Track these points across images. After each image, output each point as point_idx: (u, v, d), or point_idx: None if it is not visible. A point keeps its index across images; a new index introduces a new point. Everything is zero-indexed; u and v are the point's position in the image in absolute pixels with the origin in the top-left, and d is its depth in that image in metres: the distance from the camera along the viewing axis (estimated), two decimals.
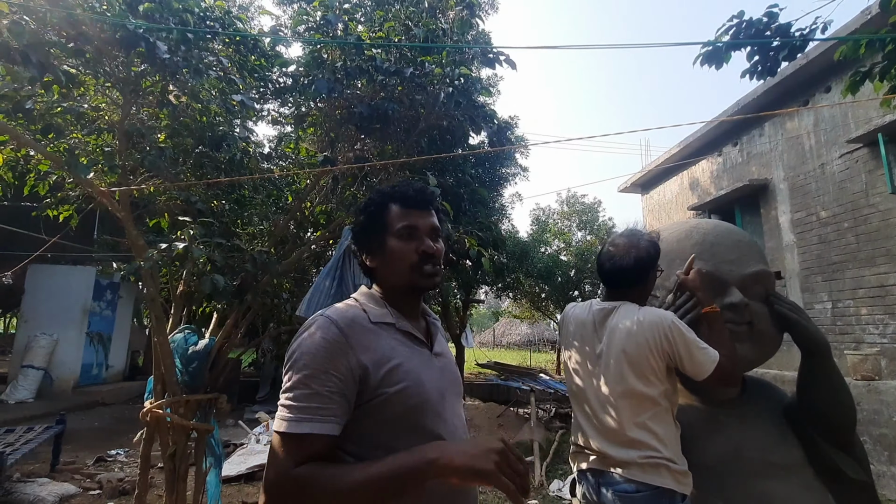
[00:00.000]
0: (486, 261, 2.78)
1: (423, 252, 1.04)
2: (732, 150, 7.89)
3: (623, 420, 1.48)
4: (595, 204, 18.42)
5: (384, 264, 1.07)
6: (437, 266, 1.07)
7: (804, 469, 1.63)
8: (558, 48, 2.46)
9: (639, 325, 1.49)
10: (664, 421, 1.48)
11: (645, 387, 1.47)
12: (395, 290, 1.08)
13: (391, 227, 1.06)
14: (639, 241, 1.62)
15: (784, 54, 2.92)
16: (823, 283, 6.08)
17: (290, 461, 0.85)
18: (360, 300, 1.07)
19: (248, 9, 12.60)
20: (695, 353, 1.44)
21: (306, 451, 0.86)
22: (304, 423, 0.86)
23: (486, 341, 30.83)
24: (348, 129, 3.14)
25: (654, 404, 1.47)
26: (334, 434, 0.89)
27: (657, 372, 1.47)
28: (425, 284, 1.06)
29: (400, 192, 1.10)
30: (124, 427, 6.96)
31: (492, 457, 0.82)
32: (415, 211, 1.08)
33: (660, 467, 1.42)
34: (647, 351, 1.46)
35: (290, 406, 0.88)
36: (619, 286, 1.63)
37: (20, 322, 9.77)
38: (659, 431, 1.45)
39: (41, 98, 2.51)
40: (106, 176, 2.77)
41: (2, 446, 4.22)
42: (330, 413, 0.88)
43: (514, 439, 6.56)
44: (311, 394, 0.88)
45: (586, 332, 1.64)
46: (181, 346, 2.68)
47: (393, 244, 1.05)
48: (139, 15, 2.39)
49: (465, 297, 12.28)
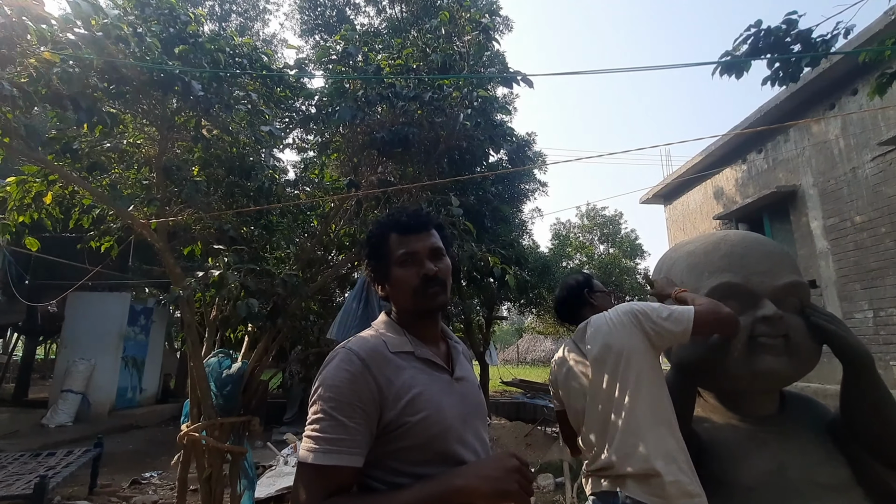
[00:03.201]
0: (511, 278, 2.80)
1: (423, 276, 1.06)
2: (757, 157, 7.73)
3: (628, 433, 1.48)
4: (616, 216, 18.21)
5: (393, 292, 1.11)
6: (441, 286, 1.08)
7: (852, 489, 1.55)
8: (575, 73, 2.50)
9: (614, 321, 1.60)
10: (671, 427, 1.49)
11: (642, 378, 1.52)
12: (408, 316, 1.10)
13: (392, 256, 1.09)
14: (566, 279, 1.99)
15: (806, 60, 2.88)
16: (863, 291, 5.82)
17: (319, 493, 0.87)
18: (379, 329, 1.09)
19: (271, 42, 13.17)
20: (666, 315, 1.53)
21: (334, 483, 0.88)
22: (332, 454, 0.88)
23: (510, 358, 30.41)
24: (370, 153, 3.23)
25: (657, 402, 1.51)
26: (359, 466, 0.91)
27: (646, 351, 1.55)
28: (430, 306, 1.08)
29: (395, 219, 1.13)
30: (157, 449, 7.11)
31: (514, 476, 0.89)
32: (412, 236, 1.10)
33: (670, 485, 1.40)
34: (632, 333, 1.55)
35: (316, 437, 0.90)
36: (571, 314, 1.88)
37: (60, 348, 10.17)
38: (666, 437, 1.47)
39: (86, 138, 2.68)
40: (145, 208, 2.92)
41: (44, 470, 4.36)
42: (355, 445, 0.90)
43: (544, 459, 6.41)
44: (337, 425, 0.90)
45: (572, 360, 1.70)
46: (215, 370, 2.75)
47: (396, 272, 1.08)
48: (174, 57, 2.55)
49: (488, 313, 12.21)
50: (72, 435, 7.86)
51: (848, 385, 1.64)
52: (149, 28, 2.51)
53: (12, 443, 7.03)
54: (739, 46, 3.10)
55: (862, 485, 1.56)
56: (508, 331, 34.79)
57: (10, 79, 2.00)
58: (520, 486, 0.88)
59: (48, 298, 8.07)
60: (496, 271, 2.71)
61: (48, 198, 2.73)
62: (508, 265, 2.94)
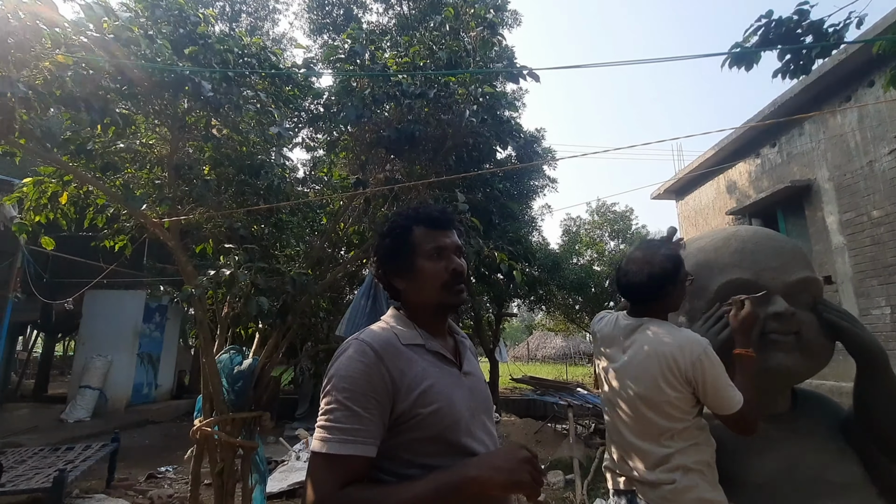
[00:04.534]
0: (518, 274, 2.79)
1: (453, 270, 1.08)
2: (771, 151, 7.60)
3: (646, 441, 1.46)
4: (627, 212, 18.03)
5: (414, 285, 1.11)
6: (465, 283, 1.11)
7: (865, 488, 1.53)
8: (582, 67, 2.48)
9: (666, 346, 1.44)
10: (690, 440, 1.43)
11: (668, 408, 1.43)
12: (424, 310, 1.11)
13: (420, 249, 1.10)
14: (653, 255, 1.56)
15: (817, 51, 2.82)
16: (880, 288, 5.70)
17: (334, 483, 0.88)
18: (390, 323, 1.10)
19: (280, 41, 13.25)
20: (719, 390, 1.37)
21: (349, 473, 0.89)
22: (348, 444, 0.89)
23: (520, 355, 30.36)
24: (378, 151, 3.25)
25: (678, 423, 1.43)
26: (373, 456, 0.91)
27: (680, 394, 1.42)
28: (455, 302, 1.10)
29: (425, 213, 1.14)
30: (173, 444, 7.25)
31: (525, 467, 0.90)
32: (441, 231, 1.12)
33: (684, 492, 1.38)
34: (671, 373, 1.41)
35: (330, 427, 0.90)
36: (637, 302, 1.60)
37: (78, 345, 10.40)
38: (685, 453, 1.41)
39: (99, 139, 2.73)
40: (157, 207, 2.97)
41: (63, 464, 4.47)
42: (370, 435, 0.91)
43: (553, 456, 6.40)
44: (352, 415, 0.91)
45: (612, 348, 1.63)
46: (227, 366, 2.80)
47: (423, 265, 1.09)
48: (185, 58, 2.58)
49: (498, 310, 12.20)
50: (90, 430, 8.03)
51: (861, 382, 1.61)
52: (159, 30, 2.54)
53: (32, 437, 7.21)
54: (750, 38, 3.05)
55: (875, 483, 1.54)
56: (519, 328, 34.72)
57: (26, 81, 2.04)
58: (531, 477, 0.89)
59: (65, 296, 8.25)
60: (503, 267, 2.71)
61: (64, 198, 2.79)
62: (516, 261, 2.93)
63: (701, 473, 1.40)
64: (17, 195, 2.86)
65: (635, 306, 1.61)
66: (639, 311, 1.60)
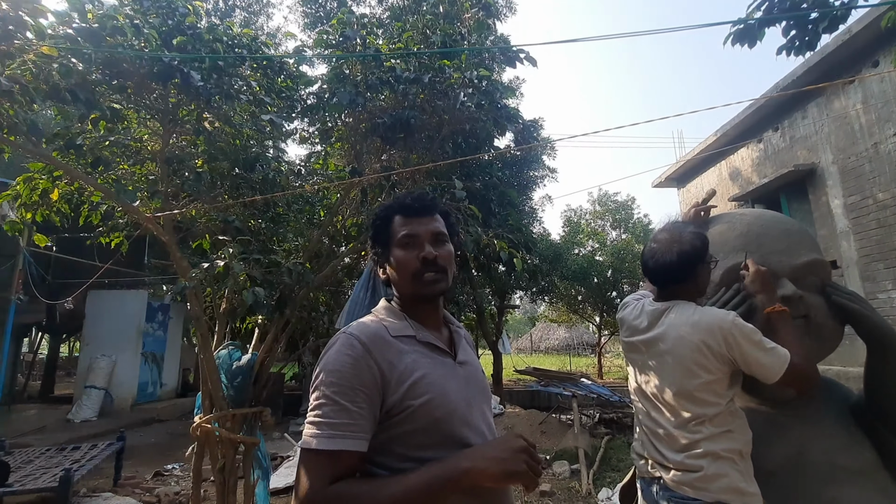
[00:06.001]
0: (519, 262, 2.75)
1: (422, 258, 1.04)
2: (774, 135, 7.50)
3: (675, 427, 1.41)
4: (629, 201, 17.95)
5: (393, 275, 1.09)
6: (441, 272, 1.06)
7: (877, 473, 1.49)
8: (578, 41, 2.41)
9: (694, 327, 1.39)
10: (723, 426, 1.38)
11: (699, 392, 1.38)
12: (408, 301, 1.09)
13: (394, 238, 1.08)
14: (681, 234, 1.50)
15: (824, 26, 2.72)
16: (886, 271, 5.64)
17: (323, 479, 0.85)
18: (379, 314, 1.08)
19: (275, 35, 13.14)
20: (761, 356, 1.32)
21: (339, 469, 0.86)
22: (336, 439, 0.86)
23: (523, 347, 30.43)
24: (373, 140, 3.19)
25: (710, 409, 1.38)
26: (363, 450, 0.89)
27: (715, 377, 1.37)
28: (428, 292, 1.06)
29: (400, 202, 1.13)
30: (178, 442, 7.27)
31: (521, 457, 0.88)
32: (415, 219, 1.09)
33: (713, 480, 1.33)
34: (702, 355, 1.36)
35: (318, 423, 0.88)
36: (666, 285, 1.54)
37: (82, 345, 10.44)
38: (715, 440, 1.36)
39: (90, 134, 2.69)
40: (151, 202, 2.93)
41: (69, 463, 4.48)
42: (359, 429, 0.88)
43: (559, 446, 6.39)
44: (340, 410, 0.88)
45: (639, 335, 1.57)
46: (226, 362, 2.77)
47: (396, 254, 1.07)
48: (173, 48, 2.53)
49: (500, 302, 12.20)
50: (96, 429, 8.08)
51: (873, 366, 1.57)
52: (146, 20, 2.49)
53: (40, 437, 7.25)
54: (754, 12, 2.96)
55: (887, 468, 1.50)
56: (521, 320, 34.76)
57: (10, 74, 2.00)
58: (528, 467, 0.87)
59: (67, 297, 8.26)
60: (503, 256, 2.66)
61: (55, 194, 2.75)
62: (516, 249, 2.89)
63: (732, 462, 1.34)
64: (10, 192, 2.82)
65: (663, 290, 1.56)
66: (666, 296, 1.54)
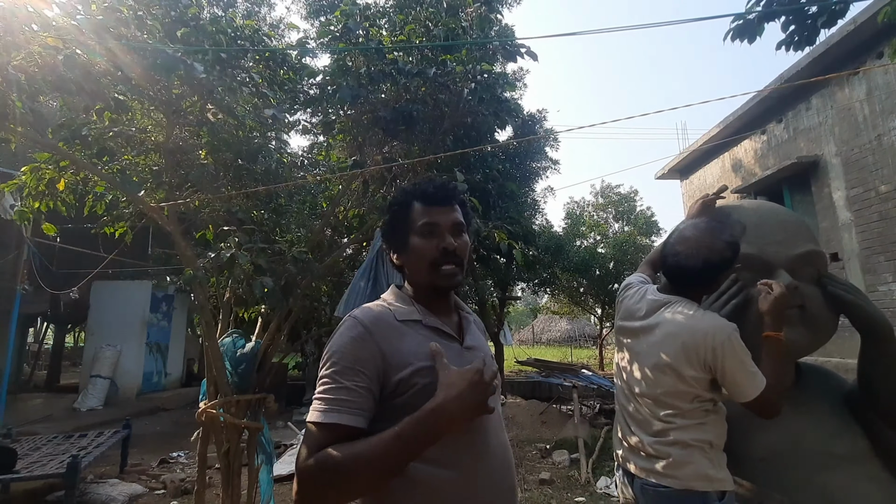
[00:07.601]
0: (518, 253, 2.77)
1: (443, 249, 1.05)
2: (777, 127, 7.47)
3: (650, 416, 1.44)
4: (631, 193, 17.90)
5: (409, 262, 1.10)
6: (459, 265, 1.07)
7: (869, 460, 1.52)
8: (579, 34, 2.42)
9: (690, 328, 1.38)
10: (696, 419, 1.40)
11: (677, 389, 1.39)
12: (420, 288, 1.10)
13: (413, 225, 1.08)
14: (713, 241, 1.40)
15: (823, 20, 2.71)
16: (887, 263, 5.64)
17: (316, 448, 0.89)
18: (387, 299, 1.10)
19: (278, 26, 13.07)
20: (740, 377, 1.33)
21: (333, 441, 0.89)
22: (333, 413, 0.90)
23: (525, 339, 30.53)
24: (375, 132, 3.21)
25: (685, 405, 1.40)
26: (361, 427, 0.91)
27: (695, 378, 1.38)
28: (444, 284, 1.07)
29: (421, 189, 1.12)
30: (183, 431, 7.37)
31: (479, 388, 0.93)
32: (436, 208, 1.09)
33: (680, 467, 1.36)
34: (686, 356, 1.37)
35: (320, 399, 0.93)
36: (679, 284, 1.51)
37: (88, 335, 10.54)
38: (686, 430, 1.38)
39: (94, 125, 2.71)
40: (155, 193, 2.95)
41: (76, 450, 4.56)
42: (357, 406, 0.91)
43: (559, 436, 6.46)
44: (339, 388, 0.92)
45: (633, 321, 1.57)
46: (230, 350, 2.82)
47: (415, 242, 1.07)
48: (177, 40, 2.54)
49: (502, 294, 12.23)
50: (102, 418, 8.18)
51: (866, 355, 1.59)
52: (149, 11, 2.50)
53: (46, 426, 7.35)
54: (753, 8, 2.95)
55: (880, 456, 1.53)
56: (523, 311, 34.82)
57: (16, 65, 2.02)
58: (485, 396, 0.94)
59: (72, 287, 8.32)
60: (503, 247, 2.68)
61: (61, 184, 2.78)
62: (515, 241, 2.91)
63: (701, 450, 1.36)
64: (15, 182, 2.85)
65: (673, 285, 1.54)
66: (675, 291, 1.52)
